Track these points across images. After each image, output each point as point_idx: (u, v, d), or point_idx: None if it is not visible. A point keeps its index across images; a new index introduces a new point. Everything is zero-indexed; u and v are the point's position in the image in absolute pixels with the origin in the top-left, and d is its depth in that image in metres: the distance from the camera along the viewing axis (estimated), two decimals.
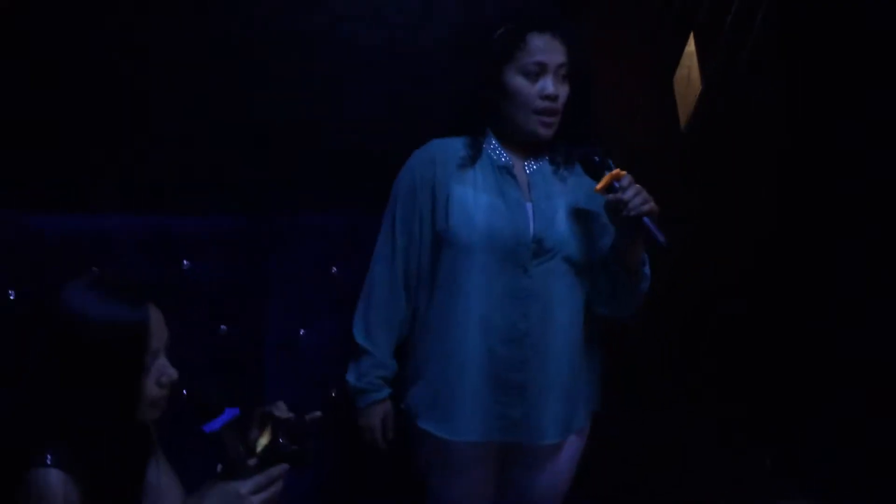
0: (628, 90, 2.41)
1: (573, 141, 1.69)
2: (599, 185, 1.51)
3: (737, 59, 2.50)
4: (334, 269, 2.11)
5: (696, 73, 2.47)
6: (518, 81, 1.61)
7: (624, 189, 1.48)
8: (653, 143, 2.37)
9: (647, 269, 1.63)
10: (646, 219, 1.47)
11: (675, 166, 2.35)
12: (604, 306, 1.69)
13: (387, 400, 1.78)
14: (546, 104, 1.61)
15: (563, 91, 1.63)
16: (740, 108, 2.53)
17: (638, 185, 1.50)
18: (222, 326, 2.01)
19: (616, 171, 1.51)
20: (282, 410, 1.22)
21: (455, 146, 1.71)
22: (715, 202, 2.54)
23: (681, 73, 2.47)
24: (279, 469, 1.17)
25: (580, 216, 1.66)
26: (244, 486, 1.13)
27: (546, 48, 1.61)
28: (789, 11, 2.48)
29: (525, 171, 1.69)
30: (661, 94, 2.47)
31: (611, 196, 1.50)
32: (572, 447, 1.77)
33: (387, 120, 2.15)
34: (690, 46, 2.46)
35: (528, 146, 1.70)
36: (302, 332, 2.10)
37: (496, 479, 1.77)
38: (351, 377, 1.78)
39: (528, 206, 1.64)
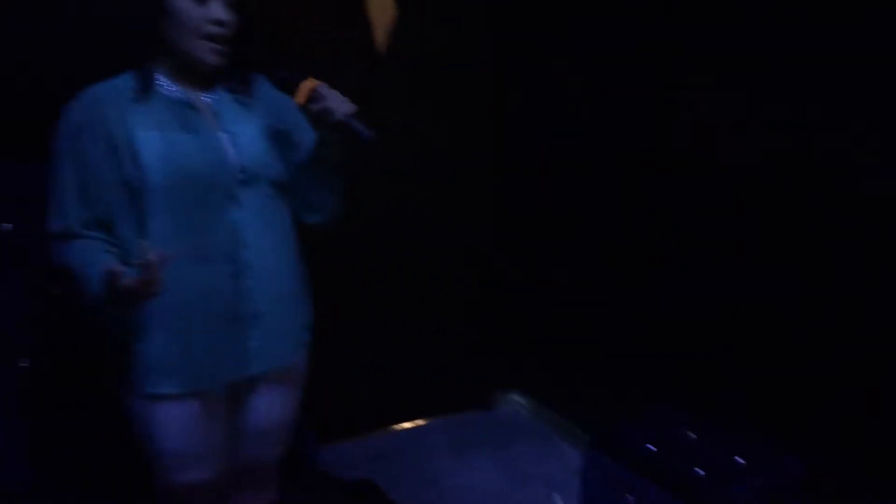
0: (318, 16, 2.38)
1: (253, 68, 1.68)
2: (299, 98, 1.55)
3: None
4: (6, 225, 1.89)
5: None
6: (183, 4, 1.53)
7: (324, 96, 1.54)
8: (346, 69, 2.38)
9: (347, 168, 1.70)
10: (349, 119, 1.54)
11: (372, 93, 2.38)
12: (313, 215, 1.73)
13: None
14: (215, 30, 1.55)
15: (233, 17, 1.58)
16: (435, 32, 2.61)
17: (334, 90, 1.56)
18: None
19: (309, 81, 1.56)
20: None
21: (118, 88, 1.57)
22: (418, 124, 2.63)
23: None
24: None
25: (274, 137, 1.67)
26: None
27: None
28: None
29: (204, 102, 1.63)
30: (354, 20, 2.47)
31: (313, 105, 1.55)
32: (301, 362, 1.80)
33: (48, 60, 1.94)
34: None
35: (199, 78, 1.63)
36: None
37: (229, 424, 1.72)
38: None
39: (223, 136, 1.60)
